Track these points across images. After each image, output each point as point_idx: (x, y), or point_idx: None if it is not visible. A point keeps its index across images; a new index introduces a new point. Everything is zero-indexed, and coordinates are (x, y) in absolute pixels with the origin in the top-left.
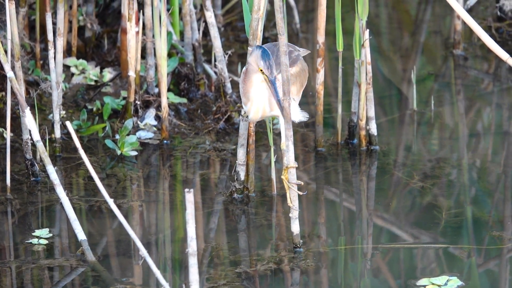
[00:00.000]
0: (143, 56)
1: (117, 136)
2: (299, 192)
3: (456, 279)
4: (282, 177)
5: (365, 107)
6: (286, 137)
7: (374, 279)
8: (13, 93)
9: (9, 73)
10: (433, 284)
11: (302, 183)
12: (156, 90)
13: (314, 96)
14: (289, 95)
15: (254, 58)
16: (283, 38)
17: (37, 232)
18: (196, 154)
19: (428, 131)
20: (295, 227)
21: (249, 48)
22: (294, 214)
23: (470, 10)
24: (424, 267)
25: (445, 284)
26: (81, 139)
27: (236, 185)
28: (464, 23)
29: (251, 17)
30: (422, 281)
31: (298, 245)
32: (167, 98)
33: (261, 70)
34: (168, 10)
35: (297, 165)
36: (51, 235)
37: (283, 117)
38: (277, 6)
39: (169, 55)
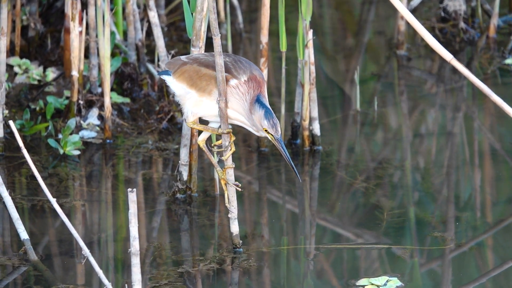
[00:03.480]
0: (86, 56)
1: (60, 136)
2: (238, 188)
3: (396, 279)
4: (221, 176)
5: (308, 107)
6: (223, 137)
7: (316, 279)
8: None
9: None
10: (372, 284)
11: (240, 184)
12: (99, 89)
13: None
14: (225, 96)
15: (257, 118)
16: (217, 39)
17: None
18: (138, 154)
19: (371, 132)
20: (234, 228)
21: (192, 49)
22: (233, 215)
23: (413, 11)
24: (366, 268)
25: (385, 284)
26: (24, 138)
27: (179, 185)
28: (407, 23)
29: (195, 18)
30: (361, 281)
31: (238, 245)
32: (110, 97)
33: (266, 130)
34: (111, 9)
35: (234, 166)
36: None
37: (220, 117)
38: (210, 7)
39: (113, 54)
